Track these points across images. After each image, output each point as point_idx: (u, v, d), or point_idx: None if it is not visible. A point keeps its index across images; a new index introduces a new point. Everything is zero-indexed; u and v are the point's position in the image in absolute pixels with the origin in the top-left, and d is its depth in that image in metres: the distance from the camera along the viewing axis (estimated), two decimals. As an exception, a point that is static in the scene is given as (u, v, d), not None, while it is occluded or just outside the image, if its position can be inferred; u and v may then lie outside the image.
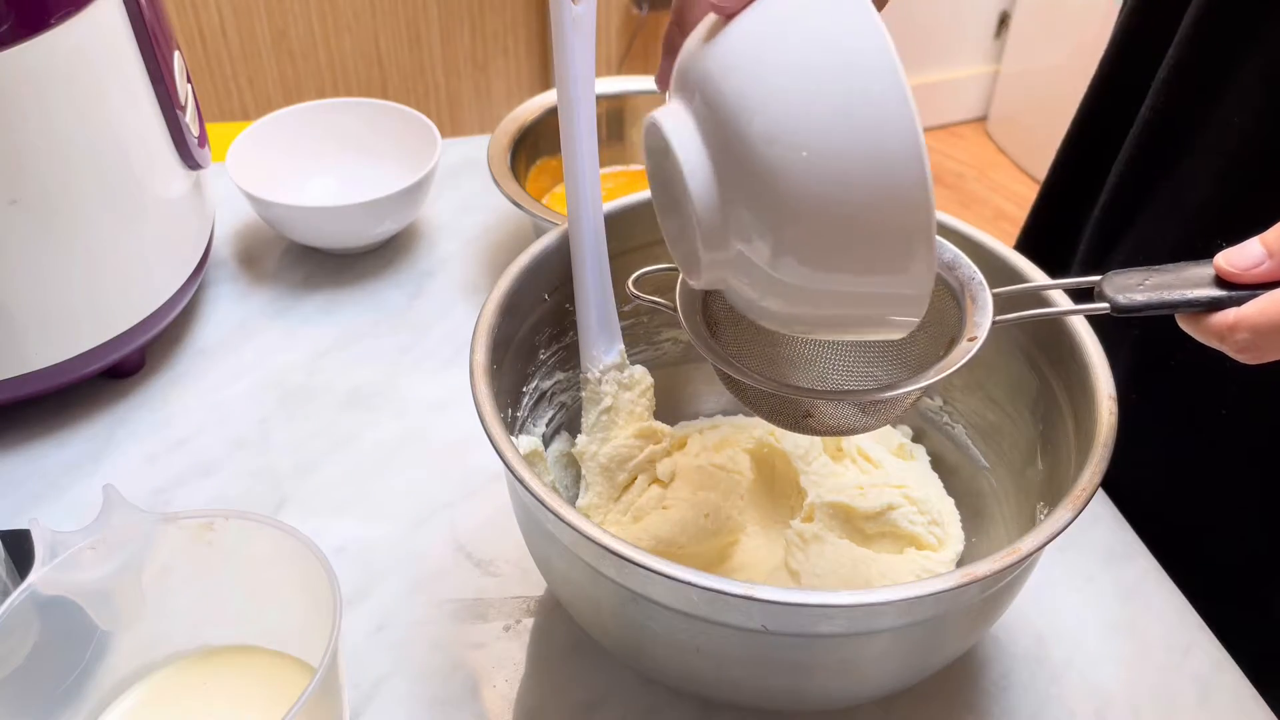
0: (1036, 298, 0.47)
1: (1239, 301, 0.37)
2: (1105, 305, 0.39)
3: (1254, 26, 0.54)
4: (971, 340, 0.41)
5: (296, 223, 0.73)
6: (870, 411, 0.43)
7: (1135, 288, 0.39)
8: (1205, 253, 0.39)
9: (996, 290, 0.43)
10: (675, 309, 0.44)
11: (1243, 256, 0.37)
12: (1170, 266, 0.39)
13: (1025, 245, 0.75)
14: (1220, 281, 0.38)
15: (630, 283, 0.47)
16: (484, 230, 0.80)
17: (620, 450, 0.54)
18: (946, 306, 0.44)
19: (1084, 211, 0.68)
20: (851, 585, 0.50)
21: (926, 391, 0.43)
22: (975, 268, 0.43)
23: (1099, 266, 0.65)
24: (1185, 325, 0.39)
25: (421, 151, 0.75)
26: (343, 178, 0.79)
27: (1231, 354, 0.37)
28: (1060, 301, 0.47)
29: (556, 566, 0.46)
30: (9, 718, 0.41)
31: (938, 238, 0.44)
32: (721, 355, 0.43)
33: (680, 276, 0.45)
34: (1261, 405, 0.57)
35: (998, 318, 0.41)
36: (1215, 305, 0.37)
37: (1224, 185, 0.56)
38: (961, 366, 0.40)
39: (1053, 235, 0.72)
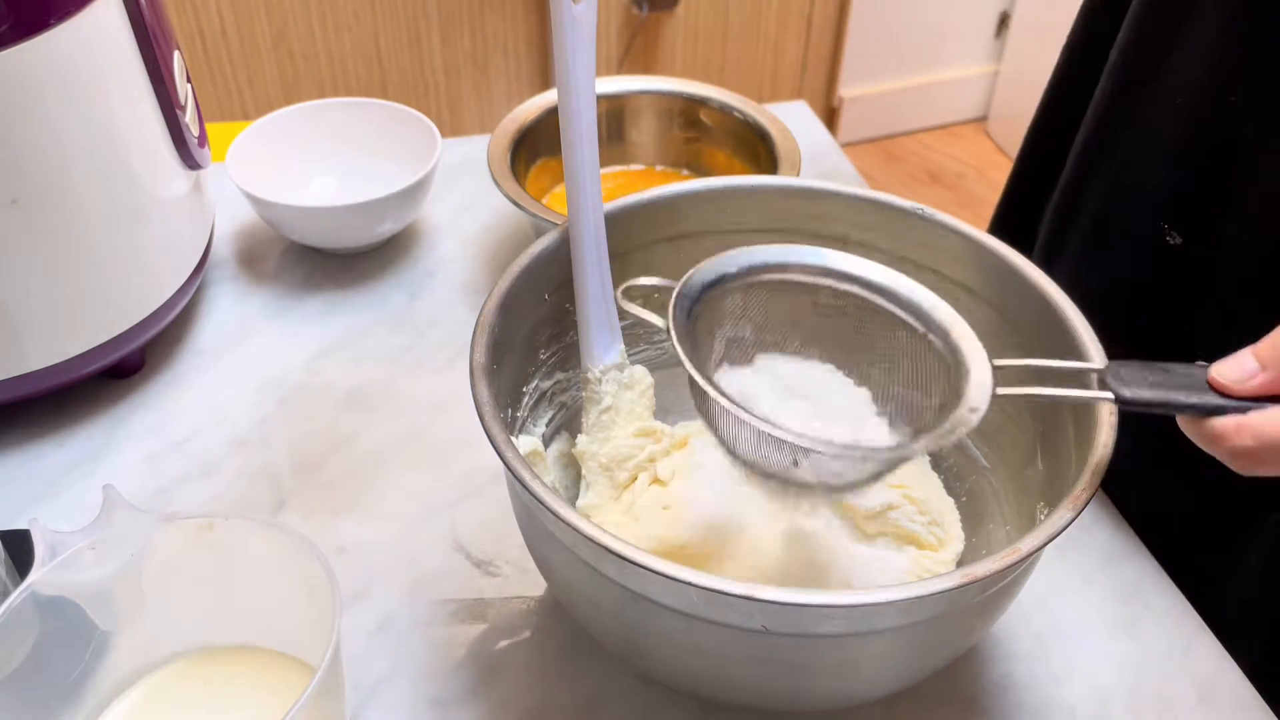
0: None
1: (1241, 410, 0.37)
2: (1110, 394, 0.39)
3: (1190, 7, 0.54)
4: (973, 411, 0.40)
5: (296, 223, 0.73)
6: (858, 469, 0.41)
7: (1142, 382, 0.39)
8: (1155, 233, 0.36)
9: (1000, 363, 0.42)
10: (669, 330, 0.43)
11: (1236, 370, 0.37)
12: (1170, 366, 0.39)
13: (998, 227, 0.76)
14: None
15: (620, 292, 0.46)
16: (484, 230, 0.80)
17: (620, 450, 0.54)
18: (936, 372, 0.43)
19: (1049, 194, 0.69)
20: (851, 585, 0.50)
21: (915, 454, 0.42)
22: (975, 338, 0.43)
23: (1058, 248, 0.67)
24: (1184, 426, 0.39)
25: (421, 151, 0.75)
26: (343, 178, 0.79)
27: (1227, 461, 0.37)
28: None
29: (556, 566, 0.46)
30: (9, 718, 0.41)
31: (942, 302, 0.44)
32: (717, 387, 0.41)
33: (675, 295, 0.43)
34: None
35: (1000, 390, 0.41)
36: (1218, 411, 0.37)
37: (1167, 163, 0.57)
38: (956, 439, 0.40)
39: (1021, 219, 0.72)
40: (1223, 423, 0.37)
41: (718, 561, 0.52)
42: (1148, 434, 0.49)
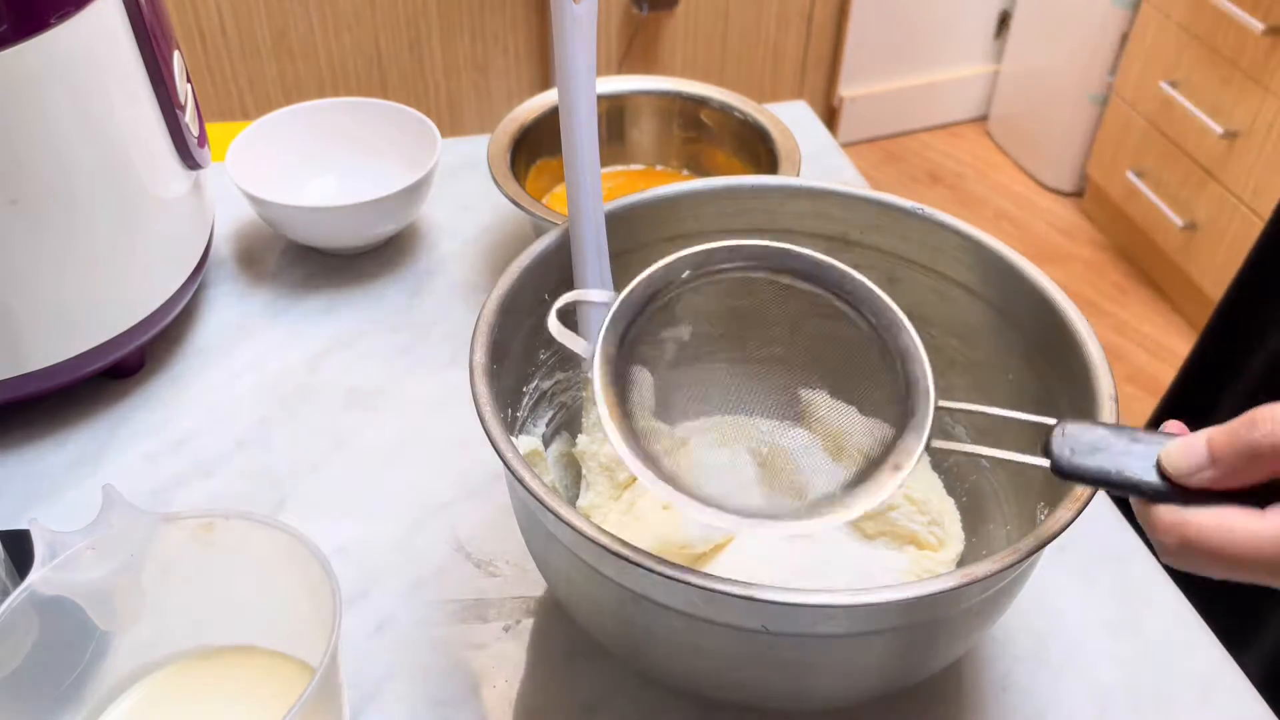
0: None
1: (1182, 501, 0.35)
2: (1045, 461, 0.37)
3: None
4: (896, 469, 0.39)
5: (296, 223, 0.73)
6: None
7: (1085, 450, 0.37)
8: None
9: (946, 405, 0.41)
10: (589, 366, 0.41)
11: (1185, 458, 0.35)
12: (1125, 433, 0.37)
13: (1169, 408, 0.74)
14: None
15: (554, 312, 0.44)
16: (484, 230, 0.80)
17: (620, 450, 0.53)
18: (889, 408, 0.42)
19: (1228, 382, 0.67)
20: (851, 585, 0.50)
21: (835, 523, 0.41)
22: (930, 375, 0.42)
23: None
24: (1132, 501, 0.37)
25: (421, 151, 0.75)
26: (343, 178, 0.79)
27: (1159, 551, 0.35)
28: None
29: (556, 566, 0.46)
30: (9, 718, 0.41)
31: (911, 327, 0.43)
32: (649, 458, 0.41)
33: (606, 321, 0.42)
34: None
35: (936, 443, 0.40)
36: (1159, 496, 0.35)
37: None
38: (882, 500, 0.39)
39: (1197, 402, 0.70)
40: (1158, 514, 0.35)
41: (718, 561, 0.52)
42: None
